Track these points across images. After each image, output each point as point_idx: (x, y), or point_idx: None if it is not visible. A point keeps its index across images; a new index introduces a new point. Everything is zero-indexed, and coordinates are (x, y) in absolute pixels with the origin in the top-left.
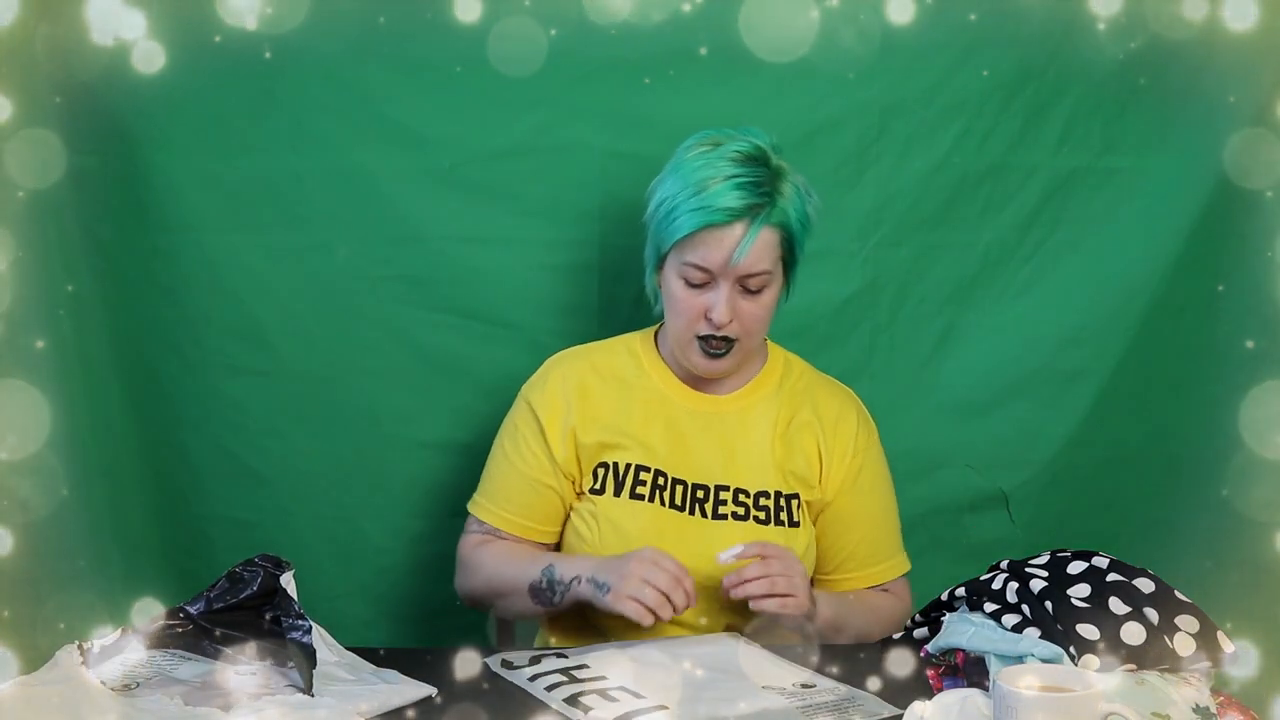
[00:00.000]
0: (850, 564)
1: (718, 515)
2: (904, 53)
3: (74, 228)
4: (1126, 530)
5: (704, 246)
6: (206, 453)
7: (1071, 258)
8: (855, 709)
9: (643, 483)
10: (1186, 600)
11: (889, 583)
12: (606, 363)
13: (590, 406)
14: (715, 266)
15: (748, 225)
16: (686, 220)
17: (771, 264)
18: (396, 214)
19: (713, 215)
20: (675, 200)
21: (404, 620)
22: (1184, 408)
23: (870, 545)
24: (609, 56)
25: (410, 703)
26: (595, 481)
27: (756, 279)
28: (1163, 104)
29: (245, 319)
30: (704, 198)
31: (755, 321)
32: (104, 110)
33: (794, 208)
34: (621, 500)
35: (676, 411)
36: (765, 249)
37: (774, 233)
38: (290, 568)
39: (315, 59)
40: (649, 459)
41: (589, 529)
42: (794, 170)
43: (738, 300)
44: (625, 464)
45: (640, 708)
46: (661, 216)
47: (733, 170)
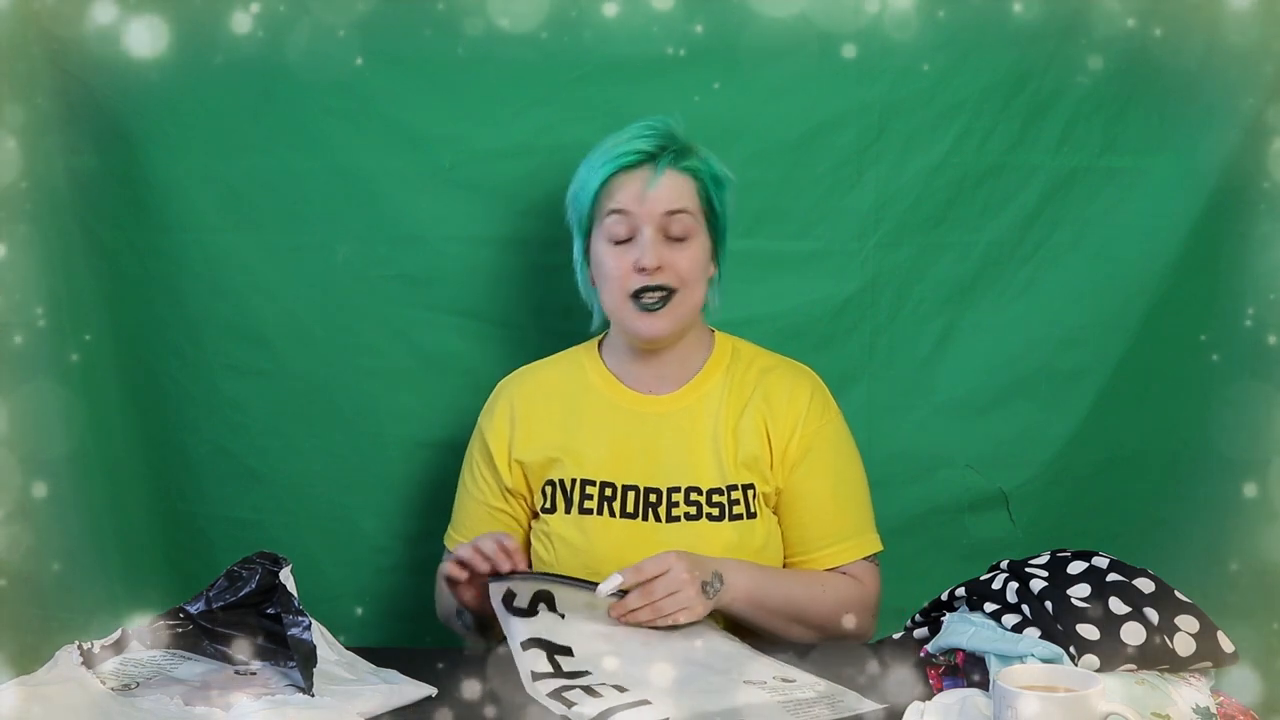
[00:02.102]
0: (806, 545)
1: (671, 518)
2: (904, 53)
3: (74, 228)
4: (1126, 530)
5: (619, 190)
6: (206, 453)
7: (1071, 258)
8: (835, 704)
9: (590, 496)
10: (1186, 600)
11: (847, 565)
12: (552, 379)
13: (534, 426)
14: (632, 205)
15: (655, 164)
16: (598, 174)
17: (691, 206)
18: (396, 214)
19: (620, 159)
20: (586, 170)
21: (404, 620)
22: (1184, 408)
23: (824, 525)
24: (609, 56)
25: (410, 703)
26: (545, 500)
27: (678, 221)
28: (1163, 104)
29: (245, 319)
30: (613, 149)
31: (687, 271)
32: (104, 110)
33: (705, 163)
34: (571, 517)
35: (623, 417)
36: (681, 189)
37: (687, 178)
38: (288, 564)
39: (315, 59)
40: (595, 471)
41: (545, 549)
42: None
43: (663, 249)
44: (571, 479)
45: (624, 703)
46: (577, 190)
47: (638, 130)
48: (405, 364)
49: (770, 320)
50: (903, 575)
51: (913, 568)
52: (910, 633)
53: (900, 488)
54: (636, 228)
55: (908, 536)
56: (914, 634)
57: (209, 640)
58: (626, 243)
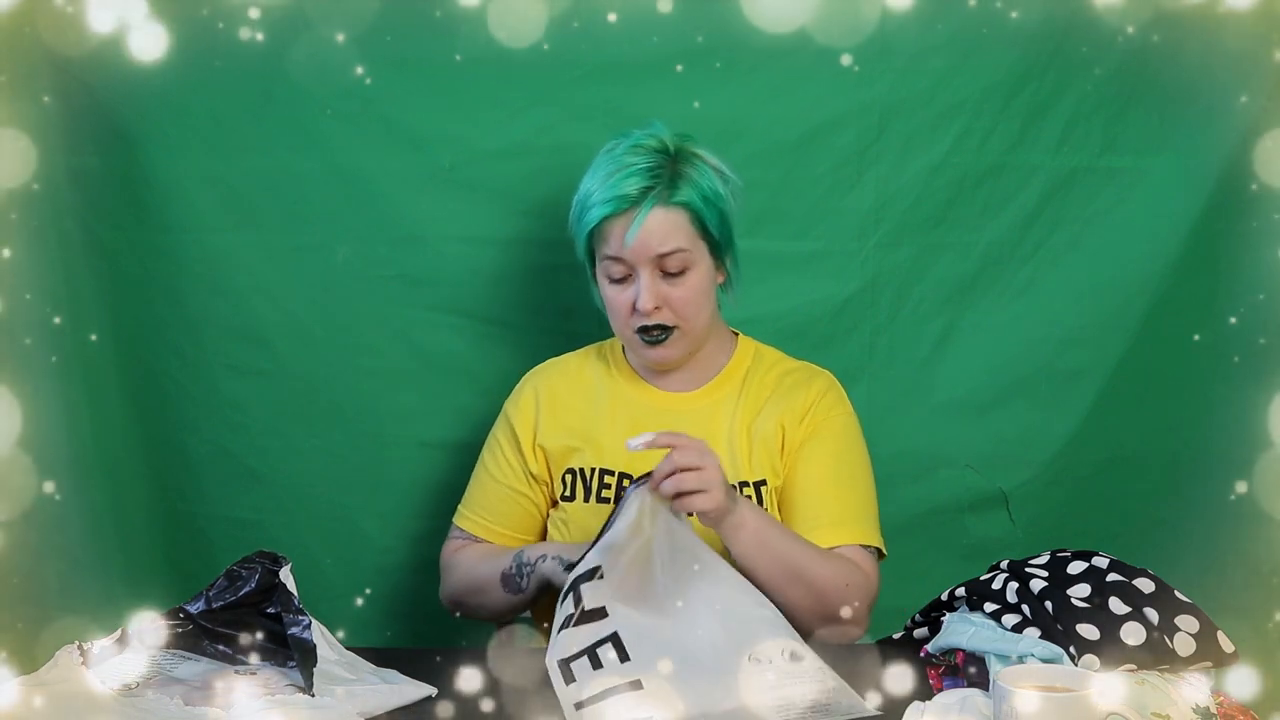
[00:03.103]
0: (801, 524)
1: None
2: (904, 53)
3: (74, 228)
4: (1126, 530)
5: (611, 236)
6: (206, 453)
7: (1071, 258)
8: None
9: (608, 485)
10: (1186, 600)
11: (845, 547)
12: (578, 371)
13: (558, 414)
14: (624, 253)
15: (639, 207)
16: (592, 215)
17: (686, 242)
18: (396, 214)
19: (606, 206)
20: (583, 201)
21: (404, 620)
22: (1184, 408)
23: (820, 504)
24: (609, 57)
25: (410, 703)
26: (565, 488)
27: (673, 259)
28: (1163, 104)
29: (245, 319)
30: (602, 191)
31: (686, 305)
32: (104, 110)
33: (695, 187)
34: (590, 505)
35: (642, 412)
36: (671, 228)
37: (677, 212)
38: (287, 563)
39: (315, 59)
40: (614, 462)
41: (563, 536)
42: (710, 154)
43: (661, 286)
44: (591, 468)
45: (616, 685)
46: (575, 219)
47: (629, 160)
48: (405, 364)
49: (770, 320)
50: (903, 575)
51: (913, 568)
52: (910, 633)
53: (900, 488)
54: (632, 268)
55: (908, 536)
56: (914, 634)
57: (209, 640)
58: (624, 280)
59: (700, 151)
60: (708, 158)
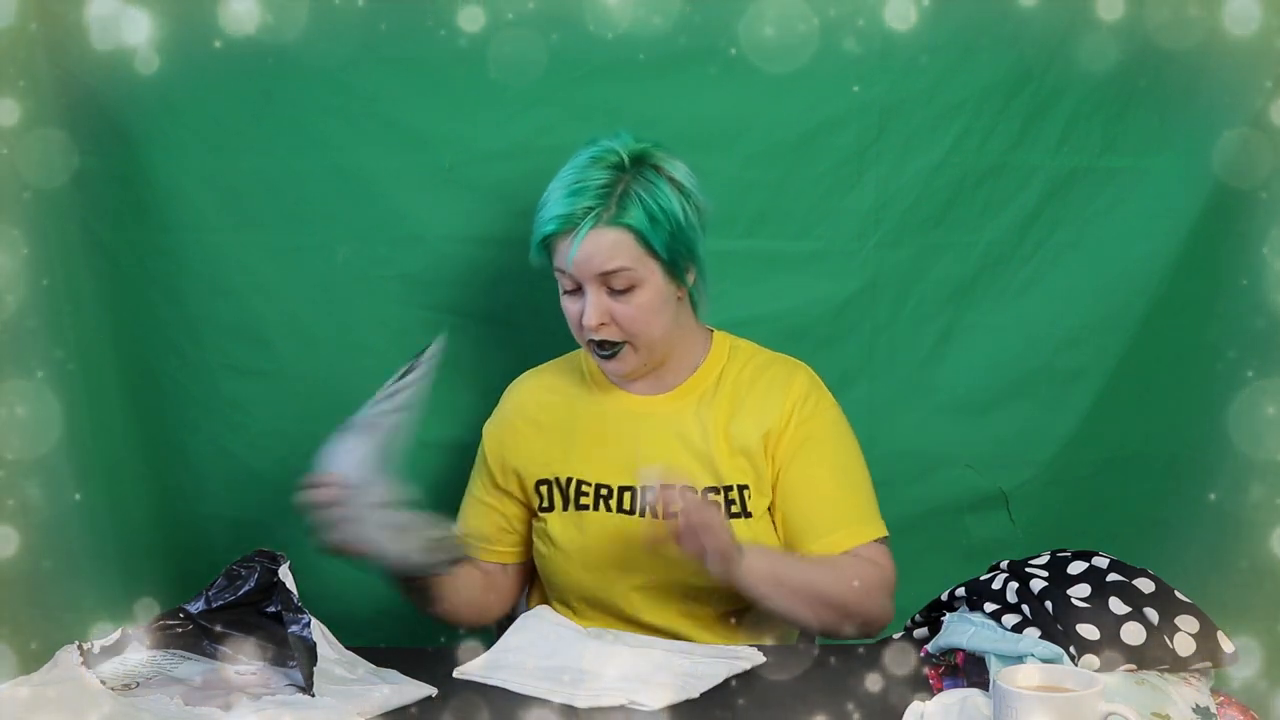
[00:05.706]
0: (816, 530)
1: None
2: (904, 53)
3: (74, 228)
4: (1126, 530)
5: (556, 252)
6: (206, 453)
7: (1071, 258)
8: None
9: (585, 494)
10: (1186, 600)
11: (859, 548)
12: (556, 381)
13: (530, 430)
14: (569, 269)
15: (580, 227)
16: (540, 230)
17: (630, 261)
18: (396, 214)
19: (551, 223)
20: (539, 211)
21: (404, 620)
22: (1184, 408)
23: (830, 510)
24: (609, 57)
25: (410, 703)
26: (542, 500)
27: (618, 278)
28: (1163, 104)
29: (245, 319)
30: (551, 205)
31: (633, 322)
32: (105, 111)
33: (643, 206)
34: (569, 514)
35: (617, 420)
36: (613, 248)
37: (619, 232)
38: (285, 560)
39: (315, 59)
40: (590, 474)
41: (546, 546)
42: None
43: (608, 302)
44: (567, 478)
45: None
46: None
47: (582, 176)
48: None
49: (770, 320)
50: (903, 575)
51: (913, 568)
52: (910, 633)
53: (900, 488)
54: (579, 282)
55: (908, 536)
56: (914, 634)
57: (209, 640)
58: (575, 292)
59: (663, 164)
60: (669, 170)
